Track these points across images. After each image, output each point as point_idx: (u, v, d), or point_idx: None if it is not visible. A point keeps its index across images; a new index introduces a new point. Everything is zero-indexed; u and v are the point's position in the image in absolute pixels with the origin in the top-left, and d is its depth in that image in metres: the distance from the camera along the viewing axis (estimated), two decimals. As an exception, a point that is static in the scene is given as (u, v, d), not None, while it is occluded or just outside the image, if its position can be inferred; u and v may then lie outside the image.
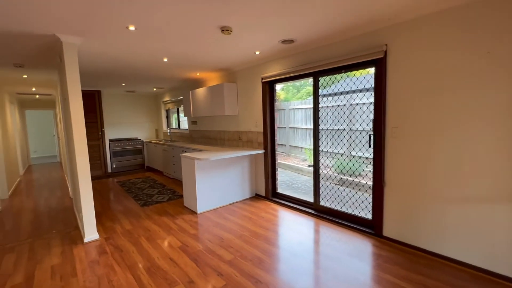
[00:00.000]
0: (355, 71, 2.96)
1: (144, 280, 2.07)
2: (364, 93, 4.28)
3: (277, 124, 3.95)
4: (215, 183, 3.66)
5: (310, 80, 3.23)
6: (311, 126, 3.18)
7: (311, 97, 3.26)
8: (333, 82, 3.20)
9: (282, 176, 5.85)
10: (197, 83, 5.45)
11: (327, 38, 2.80)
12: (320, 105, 3.19)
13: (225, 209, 3.66)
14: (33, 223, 3.36)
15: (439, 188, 2.21)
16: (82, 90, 5.81)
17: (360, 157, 4.77)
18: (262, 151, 3.91)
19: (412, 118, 2.32)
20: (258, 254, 2.42)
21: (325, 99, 5.15)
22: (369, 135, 2.68)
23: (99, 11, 1.99)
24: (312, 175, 3.38)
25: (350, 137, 4.86)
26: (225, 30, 2.43)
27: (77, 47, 2.64)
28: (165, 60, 3.55)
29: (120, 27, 2.31)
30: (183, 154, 3.67)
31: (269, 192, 3.97)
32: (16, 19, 2.08)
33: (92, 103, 6.01)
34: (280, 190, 4.09)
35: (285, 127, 7.86)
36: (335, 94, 4.87)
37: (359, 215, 2.94)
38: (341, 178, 4.55)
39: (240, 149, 4.03)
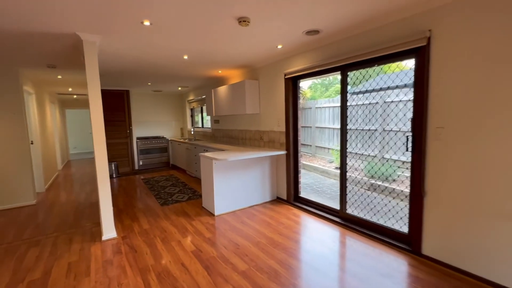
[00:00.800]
0: (390, 64, 2.60)
1: (153, 287, 1.97)
2: (401, 89, 3.83)
3: (301, 124, 3.69)
4: (234, 185, 3.51)
5: (340, 77, 2.93)
6: (339, 126, 2.88)
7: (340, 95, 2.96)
8: (363, 77, 2.86)
9: (306, 178, 5.55)
10: (220, 82, 5.37)
11: (358, 27, 2.48)
12: (349, 103, 2.87)
13: (243, 212, 3.49)
14: (60, 217, 3.50)
15: (497, 202, 1.80)
16: (111, 90, 6.10)
17: (395, 161, 4.30)
18: (284, 152, 3.67)
19: (462, 117, 1.93)
20: (275, 266, 2.20)
21: (355, 96, 4.75)
22: (407, 136, 2.32)
23: (111, 5, 1.92)
24: (339, 179, 3.07)
25: (384, 138, 4.40)
26: (242, 21, 2.24)
27: (97, 45, 2.65)
28: (185, 57, 3.48)
29: (135, 22, 2.24)
30: (201, 153, 3.57)
31: (291, 196, 3.72)
32: (37, 19, 2.10)
33: (121, 102, 6.24)
34: (303, 193, 3.82)
35: (311, 127, 7.50)
36: (367, 91, 4.45)
37: (392, 227, 2.58)
38: (371, 184, 4.14)
39: (261, 150, 3.84)
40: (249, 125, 4.52)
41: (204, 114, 6.79)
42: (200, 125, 7.04)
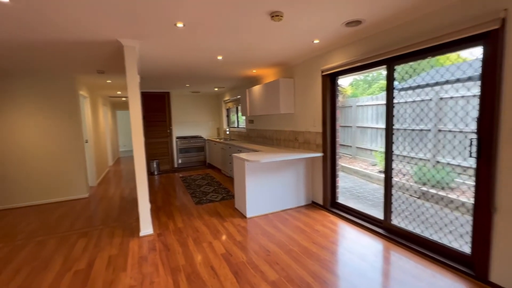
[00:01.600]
0: (448, 55, 2.22)
1: (182, 288, 1.96)
2: (463, 83, 3.27)
3: (339, 124, 3.42)
4: (267, 187, 3.40)
5: (385, 72, 2.61)
6: (384, 125, 2.57)
7: (385, 92, 2.64)
8: (414, 70, 2.50)
9: (345, 182, 5.19)
10: (255, 81, 5.30)
11: (407, 13, 2.16)
12: (396, 100, 2.54)
13: (276, 215, 3.36)
14: (107, 210, 3.80)
15: None
16: (153, 92, 6.45)
17: (453, 167, 3.70)
18: (320, 154, 3.44)
19: (551, 115, 1.53)
20: (308, 279, 2.03)
21: (403, 93, 4.26)
22: (470, 139, 1.94)
23: (145, 10, 1.95)
24: (382, 184, 2.74)
25: (439, 141, 3.83)
26: (274, 16, 2.11)
27: (137, 50, 2.76)
28: (219, 58, 3.47)
29: (169, 24, 2.26)
30: (234, 154, 3.54)
31: (328, 201, 3.47)
32: (85, 28, 2.25)
33: (162, 104, 6.60)
34: (342, 198, 3.54)
35: (351, 127, 7.02)
36: (418, 86, 3.94)
37: (450, 245, 2.20)
38: (423, 193, 3.64)
39: (296, 151, 3.66)
40: (284, 125, 4.37)
41: (239, 114, 6.81)
42: (236, 125, 7.09)
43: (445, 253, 2.20)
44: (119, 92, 6.57)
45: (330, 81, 3.31)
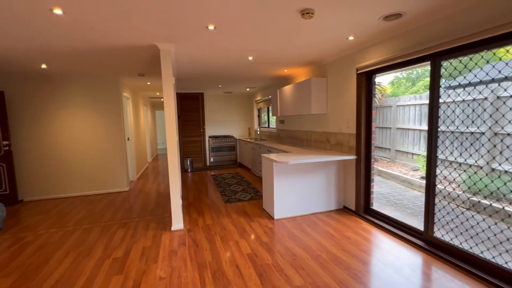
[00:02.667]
0: (509, 47, 1.93)
1: (207, 285, 2.01)
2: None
3: (376, 125, 3.20)
4: (296, 189, 3.33)
5: (429, 69, 2.37)
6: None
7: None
8: (465, 66, 2.23)
9: (382, 187, 4.86)
10: (286, 81, 5.23)
11: (456, 2, 1.92)
12: (442, 100, 2.29)
13: (304, 219, 3.27)
14: (144, 204, 4.06)
15: None
16: (188, 93, 6.74)
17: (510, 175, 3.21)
18: (353, 157, 3.26)
19: None
20: (335, 288, 1.93)
21: (451, 91, 3.84)
22: (535, 145, 1.66)
23: (179, 15, 2.03)
24: (424, 191, 2.50)
25: (495, 145, 3.34)
26: (305, 13, 2.05)
27: (172, 53, 2.90)
28: (250, 58, 3.49)
29: (200, 27, 2.33)
30: (263, 154, 3.53)
31: (360, 207, 3.27)
32: (127, 34, 2.43)
33: (196, 104, 6.86)
34: (377, 205, 3.32)
35: (390, 128, 6.55)
36: (470, 84, 3.51)
37: (505, 266, 1.92)
38: (473, 204, 3.23)
39: (327, 153, 3.52)
40: (315, 126, 4.23)
41: (270, 114, 6.79)
42: (267, 125, 7.09)
43: (499, 274, 1.92)
44: (158, 93, 7.01)
45: (366, 80, 3.12)
